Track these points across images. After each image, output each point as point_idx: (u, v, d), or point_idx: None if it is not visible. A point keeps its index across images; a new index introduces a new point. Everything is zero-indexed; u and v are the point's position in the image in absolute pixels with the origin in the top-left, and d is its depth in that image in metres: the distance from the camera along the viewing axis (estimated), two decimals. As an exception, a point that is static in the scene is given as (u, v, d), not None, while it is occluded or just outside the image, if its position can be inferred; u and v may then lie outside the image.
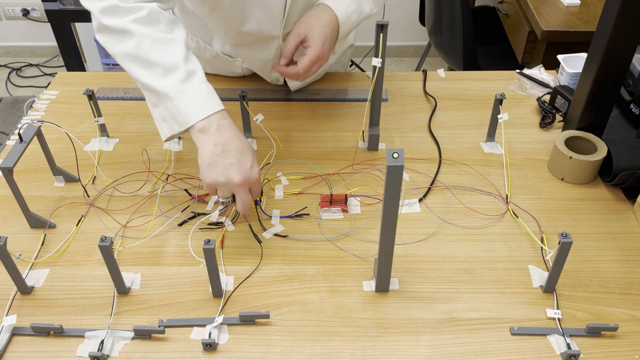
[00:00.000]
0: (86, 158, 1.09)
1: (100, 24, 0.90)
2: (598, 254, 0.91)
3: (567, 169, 1.03)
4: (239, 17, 1.06)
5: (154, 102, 0.90)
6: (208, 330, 0.79)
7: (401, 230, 0.95)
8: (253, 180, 0.86)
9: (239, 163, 0.84)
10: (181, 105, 0.87)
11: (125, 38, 0.88)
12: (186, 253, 0.91)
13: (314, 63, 1.00)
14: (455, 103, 1.25)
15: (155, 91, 0.88)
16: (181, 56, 0.88)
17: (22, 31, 3.22)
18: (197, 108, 0.87)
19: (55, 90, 1.29)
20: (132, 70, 0.90)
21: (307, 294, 0.85)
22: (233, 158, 0.85)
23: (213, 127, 0.86)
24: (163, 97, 0.88)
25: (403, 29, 3.21)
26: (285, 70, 1.02)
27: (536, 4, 1.89)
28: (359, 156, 1.10)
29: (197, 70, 0.89)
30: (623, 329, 0.80)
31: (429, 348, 0.78)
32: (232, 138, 0.86)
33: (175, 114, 0.87)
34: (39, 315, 0.82)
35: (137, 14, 0.88)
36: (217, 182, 0.84)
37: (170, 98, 0.87)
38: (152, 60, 0.88)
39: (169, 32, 0.90)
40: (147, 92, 0.90)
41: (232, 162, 0.84)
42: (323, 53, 1.00)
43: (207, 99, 0.88)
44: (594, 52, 1.00)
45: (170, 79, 0.87)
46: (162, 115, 0.90)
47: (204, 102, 0.87)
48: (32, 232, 0.95)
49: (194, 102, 0.87)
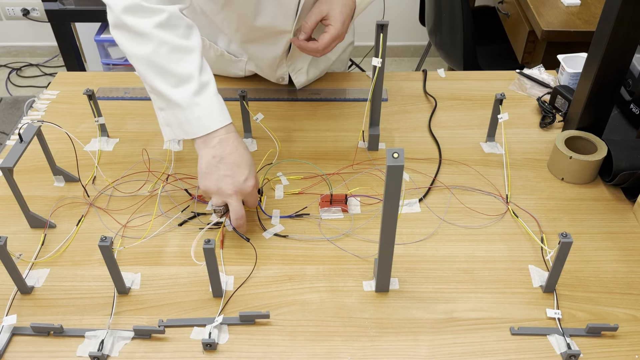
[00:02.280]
0: (86, 158, 1.09)
1: (119, 21, 0.89)
2: (598, 254, 0.91)
3: (567, 169, 1.03)
4: (253, 12, 1.07)
5: (160, 106, 0.92)
6: (208, 330, 0.79)
7: (401, 230, 0.95)
8: (246, 193, 0.89)
9: (232, 176, 0.88)
10: (191, 117, 0.89)
11: (143, 41, 0.89)
12: (186, 253, 0.91)
13: (333, 40, 1.04)
14: (455, 103, 1.25)
15: (167, 98, 0.89)
16: (196, 67, 0.89)
17: (22, 31, 3.22)
18: (206, 122, 0.89)
19: (55, 90, 1.29)
20: (145, 74, 0.90)
21: (307, 294, 0.85)
22: (228, 171, 0.88)
23: (215, 140, 0.89)
24: (173, 105, 0.89)
25: (403, 29, 3.21)
26: (306, 44, 1.06)
27: (536, 4, 1.89)
28: (359, 156, 1.10)
29: (209, 82, 0.91)
30: (623, 329, 0.80)
31: (429, 348, 0.78)
32: (232, 152, 0.89)
33: (184, 124, 0.90)
34: (39, 315, 0.82)
35: (158, 16, 0.88)
36: (210, 190, 0.89)
37: (181, 108, 0.89)
38: (168, 68, 0.88)
39: (187, 38, 0.91)
40: (156, 96, 0.92)
41: (227, 174, 0.88)
42: (342, 32, 1.05)
43: (216, 113, 0.90)
44: (594, 52, 1.00)
45: (184, 89, 0.89)
46: (167, 120, 0.91)
47: (213, 116, 0.89)
48: (32, 232, 0.95)
49: (203, 116, 0.89)
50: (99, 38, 2.52)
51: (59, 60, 3.26)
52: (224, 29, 1.17)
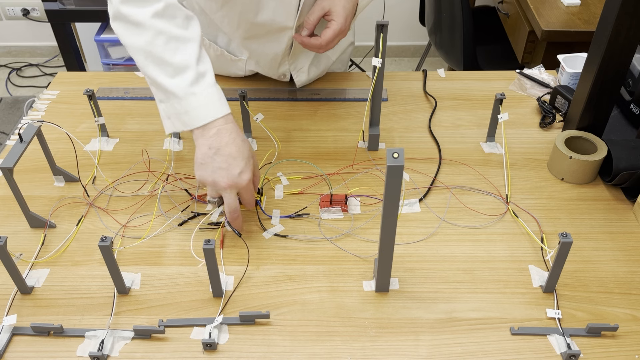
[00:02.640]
0: (86, 158, 1.09)
1: (118, 12, 0.89)
2: (598, 254, 0.91)
3: (567, 169, 1.03)
4: (254, 8, 1.07)
5: (160, 98, 0.91)
6: (208, 330, 0.79)
7: (401, 230, 0.95)
8: (241, 186, 0.88)
9: (227, 168, 0.87)
10: (188, 107, 0.88)
11: (139, 31, 0.88)
12: (186, 253, 0.91)
13: (336, 36, 1.04)
14: (455, 103, 1.25)
15: (164, 89, 0.89)
16: (193, 56, 0.89)
17: (22, 31, 3.22)
18: (204, 112, 0.88)
19: (55, 90, 1.29)
20: (143, 65, 0.90)
21: (307, 294, 0.85)
22: (223, 163, 0.87)
23: (212, 131, 0.88)
24: (171, 96, 0.89)
25: (403, 29, 3.21)
26: (308, 40, 1.06)
27: (536, 4, 1.89)
28: (359, 156, 1.10)
29: (207, 72, 0.90)
30: (623, 329, 0.80)
31: (429, 348, 0.78)
32: (228, 143, 0.88)
33: (182, 114, 0.89)
34: (39, 315, 0.82)
35: (155, 6, 0.88)
36: (204, 181, 0.88)
37: (178, 98, 0.88)
38: (164, 58, 0.88)
39: (185, 28, 0.90)
40: (155, 87, 0.91)
41: (222, 166, 0.87)
42: (345, 27, 1.04)
43: (214, 103, 0.89)
44: (594, 52, 1.00)
45: (180, 79, 0.88)
46: (167, 112, 0.91)
47: (210, 106, 0.89)
48: (32, 232, 0.95)
49: (201, 105, 0.88)
50: (99, 38, 2.52)
51: (59, 60, 3.26)
52: (224, 27, 1.17)
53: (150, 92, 1.26)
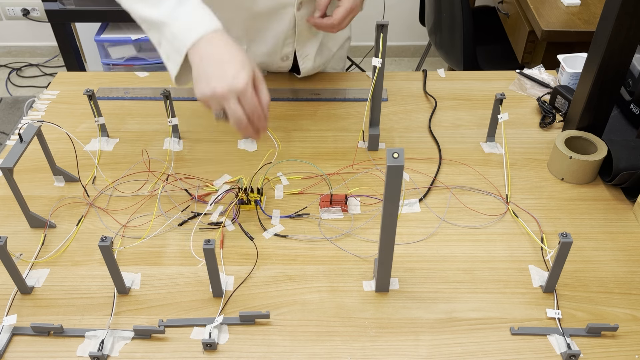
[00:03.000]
0: (86, 158, 1.09)
1: None
2: (598, 254, 0.91)
3: (567, 169, 1.03)
4: None
5: (157, 40, 0.90)
6: (208, 330, 0.79)
7: (401, 230, 0.95)
8: (238, 90, 0.82)
9: (219, 73, 0.82)
10: (176, 30, 0.86)
11: None
12: (186, 253, 0.91)
13: (348, 13, 1.04)
14: (455, 103, 1.25)
15: (152, 22, 0.88)
16: None
17: (22, 31, 3.22)
18: (191, 31, 0.85)
19: (55, 90, 1.29)
20: (130, 7, 0.89)
21: (307, 294, 0.85)
22: (216, 69, 0.82)
23: (203, 43, 0.84)
24: (160, 27, 0.87)
25: (403, 29, 3.21)
26: (321, 21, 1.07)
27: (536, 4, 1.89)
28: (359, 156, 1.10)
29: None
30: (623, 329, 0.80)
31: (429, 348, 0.78)
32: (220, 51, 0.83)
33: (173, 41, 0.86)
34: (39, 315, 0.82)
35: None
36: (204, 96, 0.83)
37: (166, 25, 0.86)
38: None
39: None
40: (147, 26, 0.90)
41: (215, 73, 0.82)
42: (356, 5, 1.05)
43: (200, 20, 0.86)
44: (594, 52, 1.00)
45: (163, 6, 0.87)
46: (165, 51, 0.89)
47: (197, 23, 0.86)
48: (32, 232, 0.95)
49: (187, 24, 0.86)
50: (99, 38, 2.52)
51: (59, 60, 3.26)
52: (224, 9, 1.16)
53: (150, 92, 1.26)
